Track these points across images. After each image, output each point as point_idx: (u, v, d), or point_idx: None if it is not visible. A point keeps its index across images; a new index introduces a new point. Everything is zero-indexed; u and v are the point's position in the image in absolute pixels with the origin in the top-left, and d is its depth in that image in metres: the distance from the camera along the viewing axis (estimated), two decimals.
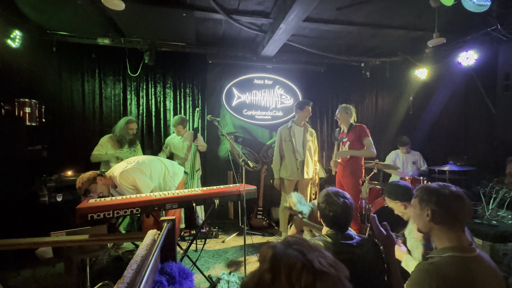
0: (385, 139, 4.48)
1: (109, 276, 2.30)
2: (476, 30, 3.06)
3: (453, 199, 0.99)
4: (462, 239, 0.99)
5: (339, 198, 1.31)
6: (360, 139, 2.85)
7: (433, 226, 1.03)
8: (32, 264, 2.47)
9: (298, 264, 0.55)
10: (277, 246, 0.62)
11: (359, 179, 2.91)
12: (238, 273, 2.43)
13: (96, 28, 3.18)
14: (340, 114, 2.98)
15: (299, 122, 3.11)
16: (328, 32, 3.35)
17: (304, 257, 0.57)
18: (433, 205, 1.01)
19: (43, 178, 2.63)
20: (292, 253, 0.58)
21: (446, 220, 1.00)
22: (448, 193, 1.00)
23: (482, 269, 0.95)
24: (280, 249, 0.60)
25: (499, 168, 3.34)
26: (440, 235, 1.02)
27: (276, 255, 0.59)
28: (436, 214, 1.01)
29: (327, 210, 1.30)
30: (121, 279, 0.96)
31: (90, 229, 1.76)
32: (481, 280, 0.92)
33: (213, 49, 3.75)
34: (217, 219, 3.74)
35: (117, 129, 3.07)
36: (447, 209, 0.99)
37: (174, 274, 1.40)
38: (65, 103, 3.44)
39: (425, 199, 1.04)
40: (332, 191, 1.36)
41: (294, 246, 0.60)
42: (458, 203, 0.99)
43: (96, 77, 3.54)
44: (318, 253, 0.59)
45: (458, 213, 0.99)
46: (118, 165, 2.38)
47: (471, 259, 0.95)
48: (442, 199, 1.00)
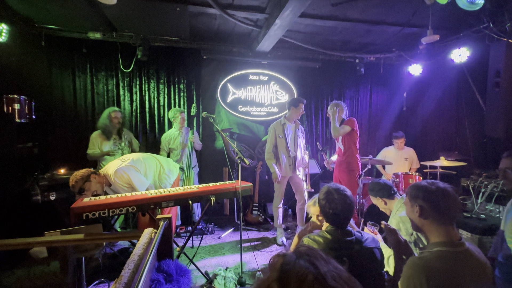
0: (379, 135, 4.54)
1: (105, 273, 2.30)
2: (468, 27, 3.10)
3: (440, 195, 1.02)
4: (451, 234, 1.02)
5: (340, 195, 1.29)
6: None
7: (423, 222, 1.06)
8: (27, 263, 2.45)
9: (310, 276, 0.52)
10: (288, 255, 0.59)
11: (355, 173, 2.97)
12: (235, 269, 2.45)
13: (86, 21, 3.09)
14: (333, 112, 3.03)
15: (291, 119, 3.11)
16: (324, 28, 3.34)
17: (316, 269, 0.54)
18: (421, 201, 1.05)
19: (35, 176, 2.58)
20: (304, 264, 0.55)
21: (434, 216, 1.03)
22: (434, 189, 1.03)
23: (471, 263, 0.98)
24: (291, 258, 0.57)
25: (488, 163, 3.44)
26: (430, 230, 1.05)
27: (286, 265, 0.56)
28: (424, 209, 1.04)
29: (328, 207, 1.29)
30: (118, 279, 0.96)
31: (85, 228, 1.74)
32: (469, 274, 0.95)
33: (207, 44, 3.70)
34: (213, 215, 3.75)
35: (100, 121, 3.05)
36: (434, 204, 1.02)
37: (171, 271, 1.42)
38: (56, 99, 3.36)
39: (413, 195, 1.08)
40: (333, 187, 1.34)
41: (306, 257, 0.57)
42: (445, 199, 1.02)
43: (87, 72, 3.46)
44: (332, 267, 0.56)
45: (445, 209, 1.02)
46: (112, 163, 2.36)
47: (459, 253, 0.99)
48: (429, 195, 1.03)
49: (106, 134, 3.03)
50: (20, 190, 2.55)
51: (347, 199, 1.28)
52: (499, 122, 2.89)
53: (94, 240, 1.56)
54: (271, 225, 3.62)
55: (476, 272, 0.97)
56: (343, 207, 1.26)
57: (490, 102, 3.07)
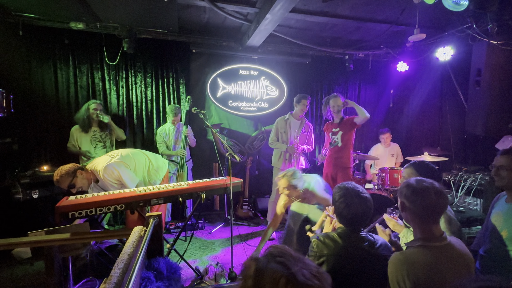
0: (367, 131, 4.65)
1: (93, 271, 2.26)
2: (453, 26, 3.19)
3: (420, 194, 1.03)
4: (432, 230, 1.05)
5: (361, 198, 1.19)
6: (352, 124, 3.02)
7: (408, 218, 1.10)
8: (9, 263, 2.36)
9: (283, 279, 0.54)
10: (260, 260, 0.61)
11: (350, 170, 3.04)
12: (225, 264, 2.48)
13: (68, 11, 2.93)
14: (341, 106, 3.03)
15: (296, 115, 3.17)
16: (314, 24, 3.34)
17: (288, 270, 0.56)
18: (403, 198, 1.09)
19: (16, 174, 2.47)
20: (276, 266, 0.57)
21: (415, 213, 1.05)
22: (417, 188, 1.05)
23: (451, 256, 1.03)
24: (263, 263, 0.59)
25: (468, 158, 3.61)
26: (415, 226, 1.09)
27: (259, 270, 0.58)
28: (405, 206, 1.08)
29: (346, 211, 1.19)
30: (108, 279, 0.95)
31: (71, 227, 1.70)
32: (450, 267, 1.00)
33: (196, 37, 3.62)
34: (203, 211, 3.75)
35: (78, 114, 3.01)
36: (414, 203, 1.05)
37: (161, 269, 1.41)
38: (36, 92, 3.20)
39: (399, 191, 1.13)
40: (352, 187, 1.24)
41: (278, 259, 0.59)
42: (426, 198, 1.02)
43: (70, 64, 3.31)
44: (301, 264, 0.59)
45: (428, 207, 1.03)
46: (101, 159, 2.29)
47: (440, 248, 1.03)
48: (410, 193, 1.05)
49: (82, 128, 2.98)
50: (0, 189, 2.44)
51: (367, 201, 1.20)
52: (479, 120, 3.03)
53: (80, 240, 1.52)
54: (261, 220, 3.66)
55: (457, 266, 1.01)
56: (364, 211, 1.18)
57: (471, 100, 3.20)
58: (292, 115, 3.20)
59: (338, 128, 3.03)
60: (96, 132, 3.06)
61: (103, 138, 3.09)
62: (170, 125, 3.36)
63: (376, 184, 3.31)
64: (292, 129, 3.15)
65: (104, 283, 0.88)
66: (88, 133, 3.02)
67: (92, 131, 3.04)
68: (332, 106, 3.04)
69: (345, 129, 3.00)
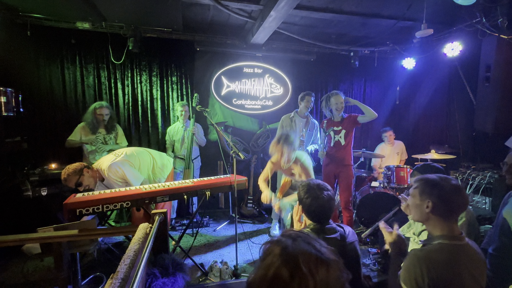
0: (372, 129, 4.60)
1: (100, 267, 2.30)
2: (461, 21, 3.12)
3: (454, 193, 1.03)
4: (453, 229, 1.05)
5: (323, 192, 1.29)
6: (355, 123, 2.90)
7: (431, 217, 1.07)
8: (20, 259, 2.42)
9: (313, 256, 0.57)
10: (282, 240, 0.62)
11: (351, 167, 3.01)
12: (230, 261, 2.49)
13: (74, 11, 2.97)
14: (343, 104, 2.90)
15: (301, 113, 3.16)
16: (319, 20, 3.30)
17: (314, 248, 0.59)
18: (435, 198, 1.04)
19: (25, 172, 2.53)
20: (304, 245, 0.60)
21: (444, 213, 1.04)
22: (449, 188, 1.03)
23: (469, 256, 1.01)
24: (288, 243, 0.60)
25: (476, 156, 3.53)
26: (435, 224, 1.07)
27: (286, 248, 0.59)
28: (436, 206, 1.04)
29: (313, 206, 1.28)
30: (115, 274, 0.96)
31: (79, 224, 1.73)
32: (467, 266, 0.98)
33: (201, 36, 3.63)
34: (208, 208, 3.77)
35: (86, 116, 2.97)
36: (448, 202, 1.03)
37: (167, 265, 1.42)
38: (44, 92, 3.26)
39: (426, 191, 1.07)
40: (315, 183, 1.34)
41: (300, 239, 0.62)
42: (459, 197, 1.03)
43: (76, 64, 3.36)
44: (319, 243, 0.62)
45: (456, 207, 1.04)
46: (106, 158, 2.32)
47: (459, 247, 1.02)
48: (444, 193, 1.03)
49: (90, 129, 2.96)
50: (10, 186, 2.50)
51: (330, 195, 1.30)
52: (488, 117, 2.96)
53: (88, 236, 1.55)
54: (265, 218, 3.67)
55: (474, 266, 1.00)
56: (329, 204, 1.28)
57: (480, 97, 3.13)
58: (297, 113, 3.19)
59: (341, 127, 2.93)
60: (101, 133, 3.04)
61: (107, 140, 3.07)
62: (179, 123, 3.38)
63: (382, 182, 3.28)
64: (297, 127, 3.14)
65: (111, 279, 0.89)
66: (94, 135, 3.01)
67: (98, 133, 3.03)
68: (334, 104, 2.90)
69: (348, 127, 2.92)
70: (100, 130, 3.04)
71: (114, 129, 3.12)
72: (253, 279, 0.58)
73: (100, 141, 3.02)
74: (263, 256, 0.61)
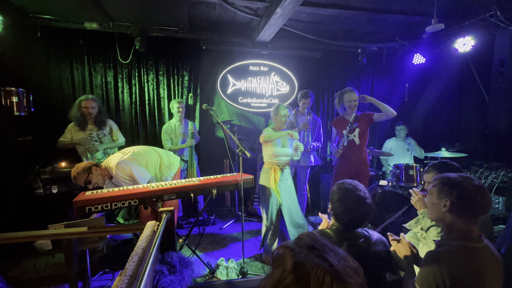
0: (380, 127, 4.52)
1: (109, 264, 2.34)
2: (474, 15, 3.02)
3: (477, 194, 0.99)
4: (472, 230, 1.01)
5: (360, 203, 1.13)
6: (370, 121, 2.78)
7: (447, 216, 1.03)
8: (32, 255, 2.49)
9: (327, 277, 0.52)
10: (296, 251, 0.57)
11: (368, 167, 2.88)
12: (236, 259, 2.50)
13: (82, 11, 3.01)
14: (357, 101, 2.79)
15: (302, 111, 3.14)
16: (325, 17, 3.26)
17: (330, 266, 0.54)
18: (455, 198, 1.01)
19: (37, 170, 2.58)
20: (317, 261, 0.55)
21: (463, 213, 1.00)
22: (471, 188, 0.99)
23: (489, 258, 0.98)
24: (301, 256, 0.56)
25: (489, 154, 3.43)
26: (453, 224, 1.03)
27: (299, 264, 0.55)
28: (455, 206, 1.01)
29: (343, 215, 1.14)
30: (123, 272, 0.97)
31: (88, 221, 1.76)
32: (487, 269, 0.95)
33: (206, 34, 3.63)
34: (214, 206, 3.79)
35: (71, 112, 2.82)
36: (469, 203, 0.99)
37: (174, 263, 1.43)
38: (54, 92, 3.33)
39: (445, 190, 1.03)
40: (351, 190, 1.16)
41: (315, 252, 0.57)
42: (481, 199, 0.99)
43: (85, 64, 3.41)
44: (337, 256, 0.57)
45: (478, 208, 0.99)
46: (114, 156, 2.35)
47: (478, 249, 0.98)
48: (466, 193, 0.99)
49: (78, 126, 2.82)
50: (22, 184, 2.56)
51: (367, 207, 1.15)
52: (502, 113, 2.87)
53: (97, 233, 1.57)
54: None
55: (493, 268, 0.98)
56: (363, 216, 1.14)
57: (494, 93, 3.03)
58: (299, 111, 3.17)
59: (355, 125, 2.81)
60: (93, 130, 2.89)
61: (101, 137, 2.93)
62: (175, 121, 3.35)
63: (391, 181, 3.22)
64: (299, 125, 3.11)
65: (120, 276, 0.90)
66: (85, 132, 2.87)
67: (88, 130, 2.88)
68: (348, 101, 2.79)
69: (363, 126, 2.79)
70: (90, 127, 2.89)
71: (104, 124, 2.93)
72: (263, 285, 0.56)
73: (94, 140, 2.89)
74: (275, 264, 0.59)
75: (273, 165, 2.47)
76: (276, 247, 0.64)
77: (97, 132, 2.92)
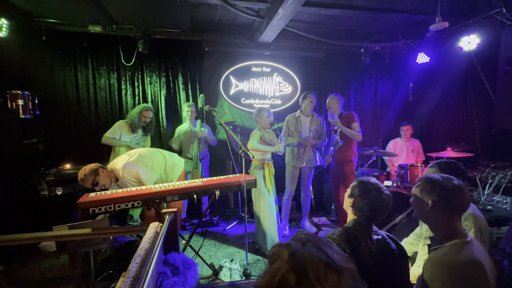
0: (384, 126, 4.48)
1: (113, 266, 2.35)
2: (479, 13, 2.98)
3: (455, 192, 1.05)
4: (457, 226, 1.07)
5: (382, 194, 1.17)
6: (348, 125, 2.96)
7: (432, 214, 1.09)
8: (37, 256, 2.50)
9: (322, 262, 0.54)
10: (292, 244, 0.60)
11: (352, 164, 2.97)
12: (240, 261, 2.48)
13: (86, 15, 3.05)
14: (332, 104, 3.06)
15: (306, 111, 3.14)
16: (328, 17, 3.25)
17: (325, 254, 0.56)
18: (435, 196, 1.07)
19: (42, 172, 2.61)
20: (313, 251, 0.57)
21: (445, 210, 1.07)
22: (451, 186, 1.06)
23: (480, 249, 1.03)
24: (298, 247, 0.58)
25: (496, 154, 3.38)
26: (438, 223, 1.09)
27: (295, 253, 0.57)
28: (437, 204, 1.07)
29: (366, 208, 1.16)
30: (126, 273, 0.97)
31: (92, 223, 1.77)
32: (485, 259, 0.98)
33: (209, 36, 3.64)
34: (217, 208, 3.78)
35: (130, 115, 3.08)
36: (448, 201, 1.06)
37: (177, 264, 1.43)
38: (59, 94, 3.36)
39: (427, 190, 1.10)
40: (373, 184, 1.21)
41: (310, 243, 0.59)
42: (459, 196, 1.05)
43: (89, 66, 3.44)
44: (331, 248, 0.59)
45: (458, 205, 1.06)
46: (120, 158, 2.36)
47: (469, 243, 1.03)
48: (444, 192, 1.06)
49: (131, 127, 3.07)
50: (28, 186, 2.59)
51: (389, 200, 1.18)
52: (509, 112, 2.82)
53: (101, 235, 1.58)
54: None
55: (486, 258, 1.01)
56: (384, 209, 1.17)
57: (500, 91, 2.99)
58: (302, 111, 3.16)
59: (337, 126, 3.02)
60: (138, 134, 3.15)
61: (139, 142, 3.17)
62: (186, 124, 3.42)
63: (395, 181, 3.18)
64: (303, 126, 3.10)
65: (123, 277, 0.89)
66: (135, 133, 3.12)
67: (136, 132, 3.13)
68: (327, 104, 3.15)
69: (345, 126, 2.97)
70: (138, 131, 3.15)
71: (150, 133, 3.25)
72: (260, 284, 0.57)
73: (135, 142, 3.13)
74: (271, 260, 0.60)
75: (264, 161, 2.75)
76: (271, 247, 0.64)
77: (140, 137, 3.18)
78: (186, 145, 3.38)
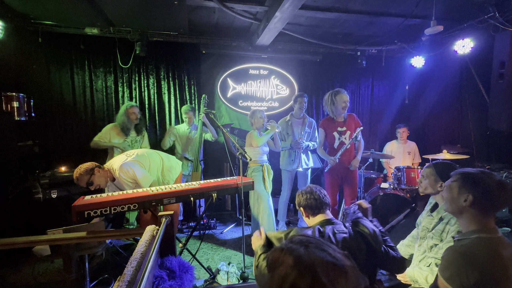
0: (381, 129, 4.51)
1: (109, 269, 2.32)
2: (473, 17, 3.03)
3: (499, 190, 1.00)
4: (490, 223, 1.03)
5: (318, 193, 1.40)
6: (357, 125, 2.88)
7: (467, 210, 1.05)
8: (30, 260, 2.46)
9: (330, 264, 0.54)
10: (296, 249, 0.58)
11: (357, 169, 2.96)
12: (237, 264, 2.47)
13: (83, 17, 3.04)
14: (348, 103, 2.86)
15: (297, 114, 3.14)
16: (324, 20, 3.28)
17: (330, 255, 0.56)
18: (477, 193, 1.02)
19: (36, 175, 2.58)
20: (318, 253, 0.56)
21: (484, 208, 1.02)
22: (494, 185, 1.01)
23: (507, 248, 0.99)
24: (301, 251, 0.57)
25: (491, 156, 3.41)
26: (470, 218, 1.05)
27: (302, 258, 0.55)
28: (477, 201, 1.02)
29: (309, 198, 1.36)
30: (121, 277, 0.96)
31: (87, 226, 1.74)
32: (509, 259, 0.95)
33: (206, 38, 3.65)
34: (215, 210, 3.76)
35: (118, 117, 3.01)
36: (492, 199, 1.01)
37: (174, 268, 1.41)
38: (55, 97, 3.33)
39: (468, 186, 1.04)
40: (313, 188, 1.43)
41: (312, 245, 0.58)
42: (502, 193, 1.00)
43: (85, 69, 3.42)
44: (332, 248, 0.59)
45: (500, 203, 1.02)
46: (117, 158, 2.34)
47: (496, 240, 0.99)
48: (489, 189, 1.01)
49: (124, 131, 2.99)
50: (22, 189, 2.55)
51: None
52: (503, 114, 2.86)
53: (96, 238, 1.56)
54: None
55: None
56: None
57: (494, 94, 3.03)
58: (293, 115, 3.18)
59: (345, 128, 2.87)
60: (131, 135, 3.07)
61: (133, 143, 3.10)
62: (185, 125, 3.40)
63: (392, 184, 3.20)
64: (295, 129, 3.12)
65: (118, 281, 0.88)
66: (126, 136, 3.03)
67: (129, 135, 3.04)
68: (343, 101, 2.82)
69: (352, 128, 2.88)
70: (131, 133, 3.07)
71: (142, 132, 3.17)
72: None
73: (128, 144, 3.04)
74: (273, 266, 0.57)
75: (263, 163, 2.79)
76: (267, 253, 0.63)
77: (133, 139, 3.10)
78: (183, 145, 3.36)
